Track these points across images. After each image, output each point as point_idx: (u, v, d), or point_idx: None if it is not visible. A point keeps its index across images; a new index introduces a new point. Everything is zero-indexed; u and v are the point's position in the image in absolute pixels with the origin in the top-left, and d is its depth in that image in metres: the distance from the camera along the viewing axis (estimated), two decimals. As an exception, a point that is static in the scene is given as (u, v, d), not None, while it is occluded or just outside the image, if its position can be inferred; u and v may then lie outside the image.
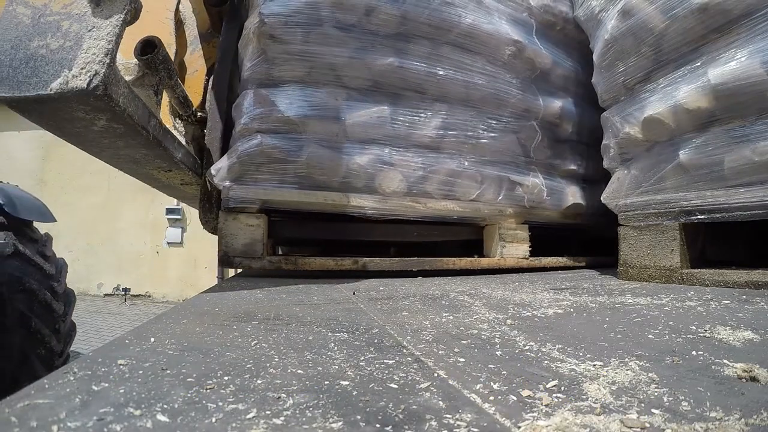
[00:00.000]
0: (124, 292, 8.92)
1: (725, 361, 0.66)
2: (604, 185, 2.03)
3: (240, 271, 2.48)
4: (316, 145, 1.85)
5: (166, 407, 0.48)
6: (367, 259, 1.95)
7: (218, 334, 0.83)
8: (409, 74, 1.96)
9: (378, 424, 0.46)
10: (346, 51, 1.87)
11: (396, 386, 0.57)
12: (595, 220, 2.48)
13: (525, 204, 2.26)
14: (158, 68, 1.70)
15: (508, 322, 0.98)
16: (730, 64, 1.39)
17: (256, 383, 0.57)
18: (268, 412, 0.48)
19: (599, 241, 2.59)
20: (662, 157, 1.67)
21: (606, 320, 0.98)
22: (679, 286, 1.53)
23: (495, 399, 0.54)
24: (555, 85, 2.39)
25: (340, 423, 0.46)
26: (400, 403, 0.51)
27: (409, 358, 0.70)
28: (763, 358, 0.66)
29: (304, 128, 1.84)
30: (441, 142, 2.05)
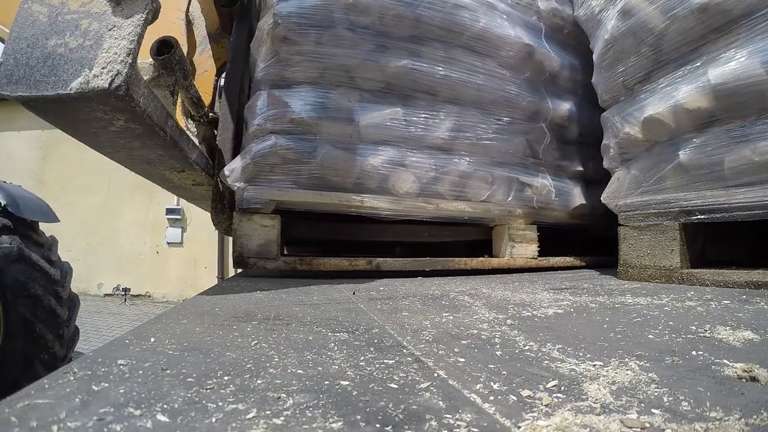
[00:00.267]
0: (124, 292, 8.92)
1: (725, 361, 0.66)
2: (606, 185, 2.03)
3: (240, 271, 2.48)
4: (330, 146, 1.86)
5: (166, 407, 0.48)
6: (380, 260, 1.96)
7: (218, 334, 0.83)
8: (422, 76, 1.98)
9: (378, 424, 0.46)
10: (360, 53, 1.89)
11: (396, 386, 0.57)
12: (597, 220, 2.50)
13: (534, 205, 2.28)
14: (174, 69, 1.69)
15: (508, 322, 0.98)
16: (730, 64, 1.39)
17: (256, 383, 0.57)
18: (268, 412, 0.48)
19: (599, 241, 2.60)
20: (662, 157, 1.67)
21: (606, 320, 0.98)
22: (679, 286, 1.53)
23: (495, 399, 0.54)
24: (563, 88, 2.41)
25: (340, 423, 0.46)
26: (400, 403, 0.51)
27: (409, 358, 0.70)
28: (763, 358, 0.66)
29: (318, 129, 1.85)
30: (453, 144, 2.07)
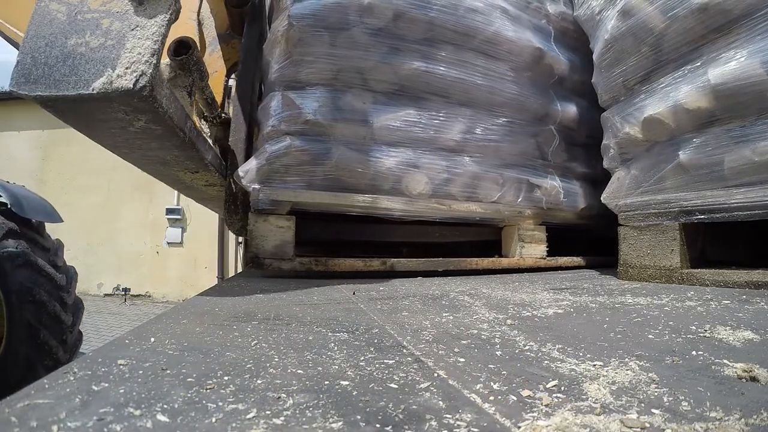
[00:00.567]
0: (124, 292, 8.92)
1: (725, 361, 0.66)
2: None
3: (240, 271, 2.48)
4: (345, 148, 1.87)
5: (166, 407, 0.48)
6: (394, 260, 1.98)
7: (218, 334, 0.83)
8: (435, 79, 2.00)
9: (378, 424, 0.46)
10: (374, 55, 1.90)
11: (396, 386, 0.57)
12: (598, 221, 2.52)
13: (543, 206, 2.31)
14: (191, 69, 1.69)
15: (508, 322, 0.98)
16: (730, 64, 1.39)
17: (256, 383, 0.57)
18: (268, 412, 0.48)
19: (599, 241, 2.61)
20: (662, 157, 1.67)
21: (606, 320, 0.98)
22: (679, 286, 1.53)
23: (495, 399, 0.54)
24: (571, 90, 2.44)
25: (340, 423, 0.46)
26: (400, 403, 0.51)
27: (409, 358, 0.70)
28: (763, 358, 0.66)
29: (332, 131, 1.87)
30: (464, 146, 2.10)
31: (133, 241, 9.15)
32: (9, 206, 2.50)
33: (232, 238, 8.84)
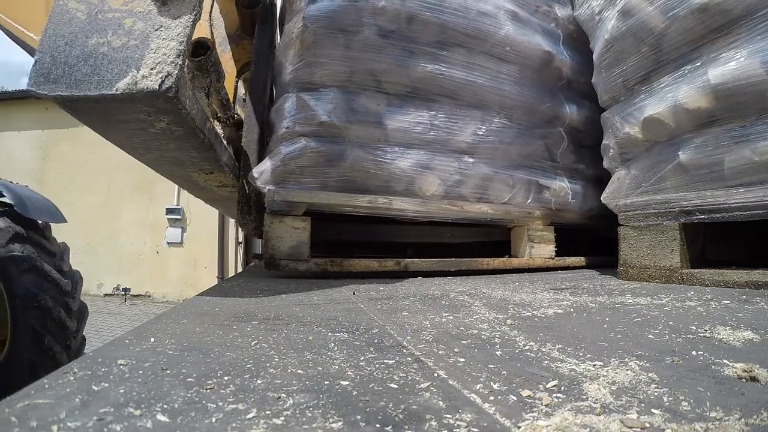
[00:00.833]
0: (124, 292, 8.92)
1: (725, 361, 0.66)
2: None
3: (240, 271, 2.49)
4: (359, 150, 1.88)
5: (166, 407, 0.48)
6: (408, 260, 2.00)
7: (218, 334, 0.83)
8: (447, 81, 2.02)
9: (378, 424, 0.46)
10: (387, 57, 1.91)
11: (396, 386, 0.57)
12: (599, 221, 2.54)
13: (552, 206, 2.34)
14: (209, 70, 1.68)
15: (508, 322, 0.98)
16: (730, 64, 1.39)
17: (256, 383, 0.57)
18: (268, 412, 0.48)
19: (599, 241, 2.62)
20: (662, 157, 1.67)
21: (606, 320, 0.98)
22: (679, 286, 1.53)
23: (495, 399, 0.54)
24: (579, 93, 2.45)
25: (340, 423, 0.46)
26: (400, 403, 0.51)
27: (409, 358, 0.70)
28: (763, 358, 0.66)
29: (347, 132, 1.88)
30: (476, 147, 2.12)
31: (133, 241, 9.15)
32: (13, 206, 2.48)
33: (232, 238, 8.85)
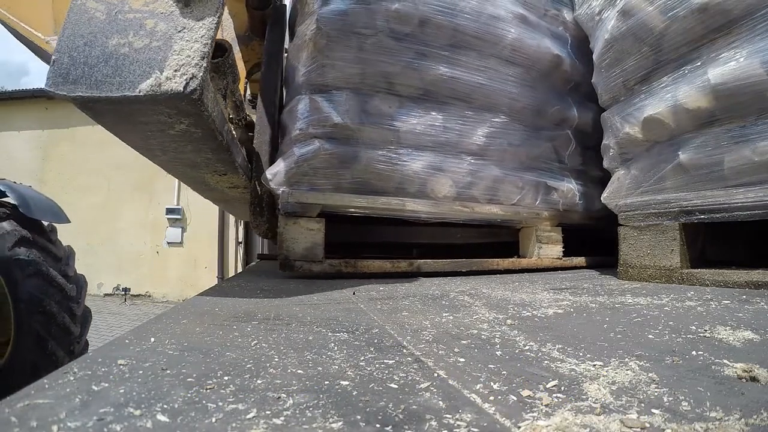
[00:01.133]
0: (124, 292, 8.92)
1: (725, 361, 0.66)
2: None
3: (240, 271, 2.49)
4: (373, 151, 1.89)
5: (166, 407, 0.48)
6: (421, 261, 2.01)
7: (218, 334, 0.83)
8: (459, 84, 2.03)
9: (378, 424, 0.46)
10: (400, 60, 1.92)
11: (396, 386, 0.57)
12: (599, 221, 2.54)
13: (559, 207, 2.36)
14: (226, 72, 1.68)
15: (508, 322, 0.98)
16: (730, 64, 1.39)
17: (256, 383, 0.57)
18: (268, 412, 0.48)
19: (599, 241, 2.62)
20: (662, 157, 1.67)
21: (606, 320, 0.98)
22: (679, 286, 1.53)
23: (495, 399, 0.54)
24: (587, 95, 2.46)
25: (340, 423, 0.46)
26: (400, 403, 0.51)
27: (409, 358, 0.70)
28: (763, 358, 0.66)
29: (360, 134, 1.89)
30: (486, 149, 2.13)
31: (133, 241, 9.15)
32: (17, 207, 2.47)
33: (232, 238, 8.85)
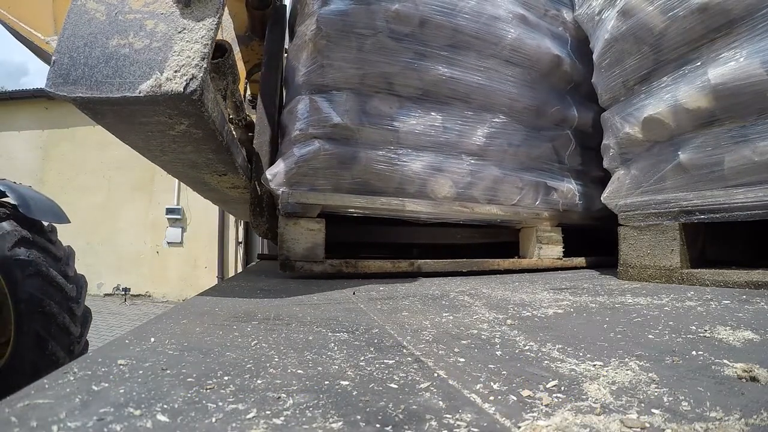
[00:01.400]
0: (124, 292, 8.92)
1: (725, 361, 0.66)
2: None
3: (240, 271, 2.49)
4: (373, 152, 1.89)
5: (166, 407, 0.48)
6: (421, 261, 2.01)
7: (218, 334, 0.83)
8: (458, 84, 2.03)
9: (378, 424, 0.46)
10: (400, 60, 1.92)
11: (396, 386, 0.57)
12: (605, 222, 2.55)
13: (559, 208, 2.35)
14: (226, 73, 1.67)
15: (508, 322, 0.98)
16: (730, 64, 1.39)
17: (256, 383, 0.57)
18: (268, 412, 0.48)
19: (599, 241, 2.62)
20: (662, 157, 1.67)
21: (606, 320, 0.98)
22: (679, 286, 1.53)
23: (495, 399, 0.54)
24: (587, 96, 2.47)
25: (340, 423, 0.46)
26: (400, 403, 0.51)
27: (409, 358, 0.70)
28: (763, 358, 0.66)
29: (360, 135, 1.89)
30: (486, 150, 2.13)
31: (133, 241, 9.15)
32: (17, 207, 2.47)
33: (232, 238, 8.85)
